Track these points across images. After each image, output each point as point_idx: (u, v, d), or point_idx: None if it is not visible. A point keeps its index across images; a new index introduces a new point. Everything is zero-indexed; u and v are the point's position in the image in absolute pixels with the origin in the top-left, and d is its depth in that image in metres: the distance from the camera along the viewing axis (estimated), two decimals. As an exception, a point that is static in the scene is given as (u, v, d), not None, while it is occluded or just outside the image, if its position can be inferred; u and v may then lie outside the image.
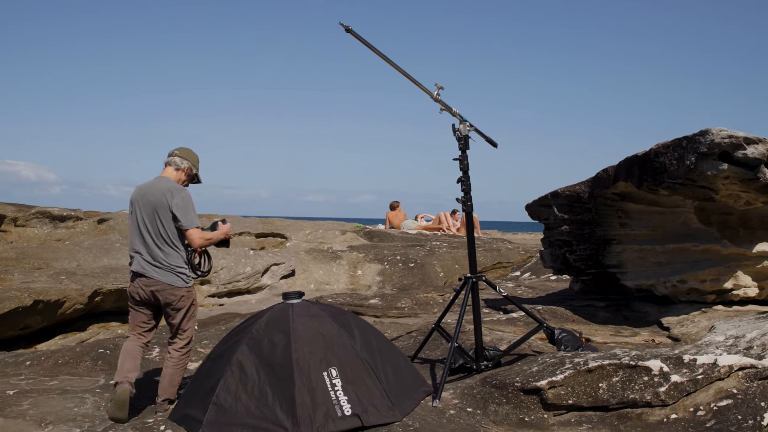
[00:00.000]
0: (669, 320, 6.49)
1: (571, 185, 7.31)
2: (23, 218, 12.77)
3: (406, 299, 9.01)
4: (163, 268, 4.70)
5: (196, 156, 5.03)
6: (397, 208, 19.05)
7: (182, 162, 4.93)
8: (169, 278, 4.70)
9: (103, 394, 5.25)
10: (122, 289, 9.19)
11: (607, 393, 4.12)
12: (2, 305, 7.62)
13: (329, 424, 3.79)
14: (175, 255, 4.74)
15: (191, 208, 4.74)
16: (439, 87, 4.89)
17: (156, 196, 4.72)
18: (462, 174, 4.92)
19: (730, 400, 3.92)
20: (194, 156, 5.01)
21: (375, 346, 4.39)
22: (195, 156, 5.02)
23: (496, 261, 13.60)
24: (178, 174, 4.92)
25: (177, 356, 4.83)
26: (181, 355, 4.84)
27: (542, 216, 7.91)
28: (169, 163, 4.95)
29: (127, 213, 14.45)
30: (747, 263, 6.49)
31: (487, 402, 4.34)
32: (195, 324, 4.97)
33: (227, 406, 3.91)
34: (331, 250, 13.31)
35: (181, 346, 4.85)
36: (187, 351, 4.89)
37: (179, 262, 4.75)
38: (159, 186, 4.78)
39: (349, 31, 4.72)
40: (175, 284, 4.71)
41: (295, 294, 4.52)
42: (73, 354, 6.44)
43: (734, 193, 5.80)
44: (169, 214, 4.69)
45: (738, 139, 5.23)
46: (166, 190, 4.72)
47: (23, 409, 4.80)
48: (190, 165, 4.96)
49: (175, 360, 4.82)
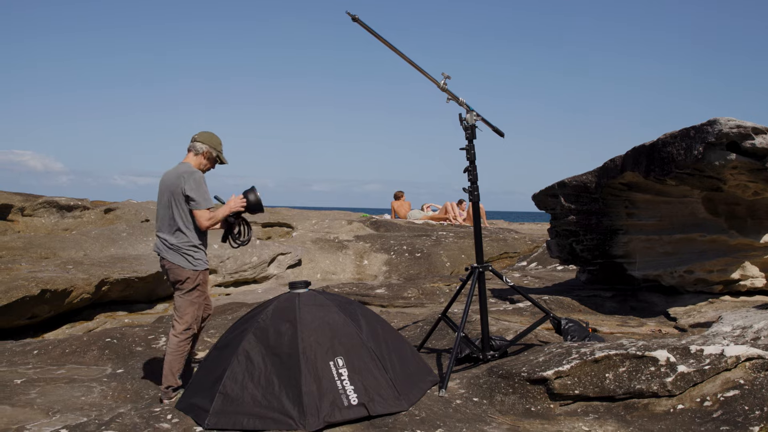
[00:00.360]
0: (676, 310, 6.48)
1: (578, 175, 7.29)
2: (30, 208, 12.81)
3: (413, 289, 9.01)
4: (173, 249, 4.86)
5: (217, 138, 5.11)
6: (401, 197, 19.04)
7: (201, 147, 5.04)
8: (176, 259, 4.86)
9: (110, 383, 5.28)
10: (129, 278, 9.22)
11: (614, 383, 4.12)
12: (10, 294, 7.65)
13: (336, 414, 3.80)
14: (183, 237, 4.86)
15: (204, 191, 4.86)
16: (446, 76, 4.87)
17: (171, 180, 4.89)
18: (469, 164, 4.90)
19: (737, 391, 3.91)
20: (214, 139, 5.09)
21: (381, 336, 4.39)
22: (215, 138, 5.10)
23: (503, 251, 13.59)
24: (197, 159, 5.05)
25: (174, 342, 4.86)
26: (178, 342, 4.87)
27: (549, 206, 7.89)
28: (190, 149, 5.08)
29: (133, 203, 14.51)
30: (754, 254, 6.48)
31: (494, 392, 4.34)
32: (198, 312, 4.96)
33: (234, 395, 3.92)
34: (338, 240, 13.32)
35: (179, 331, 4.88)
36: (186, 338, 4.90)
37: (187, 244, 4.87)
38: (176, 171, 4.95)
39: (356, 20, 4.69)
40: (180, 265, 4.85)
41: (301, 283, 4.52)
42: (81, 343, 6.46)
43: (742, 184, 5.77)
44: (182, 197, 4.83)
45: (746, 129, 5.20)
46: (181, 175, 4.86)
47: (31, 398, 4.82)
48: (208, 149, 5.05)
49: (173, 347, 4.86)
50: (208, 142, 5.05)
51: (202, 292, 4.97)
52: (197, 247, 4.92)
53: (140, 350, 6.27)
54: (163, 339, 6.54)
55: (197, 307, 4.96)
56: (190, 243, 4.88)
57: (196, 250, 4.91)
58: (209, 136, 5.07)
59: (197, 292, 4.93)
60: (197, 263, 4.90)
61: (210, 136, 5.08)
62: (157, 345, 6.38)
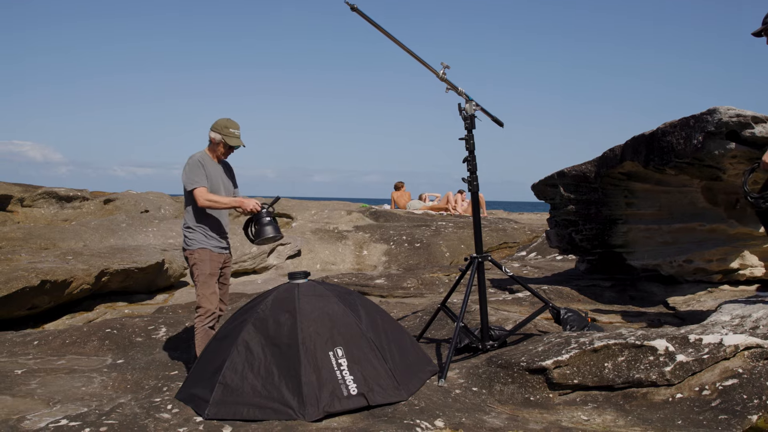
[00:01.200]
0: (675, 300, 6.49)
1: (578, 165, 7.28)
2: (30, 199, 12.80)
3: (412, 279, 9.02)
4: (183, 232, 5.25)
5: (223, 122, 5.21)
6: (401, 188, 19.04)
7: (209, 135, 5.24)
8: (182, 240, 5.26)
9: (110, 374, 5.29)
10: (129, 269, 9.22)
11: (613, 372, 4.13)
12: (10, 285, 7.65)
13: (335, 404, 3.81)
14: (186, 219, 5.19)
15: (192, 172, 5.08)
16: (445, 66, 4.85)
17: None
18: (468, 153, 4.89)
19: (735, 380, 3.91)
20: (219, 123, 5.20)
21: (381, 326, 4.40)
22: (221, 123, 5.20)
23: (502, 241, 13.59)
24: (212, 147, 5.26)
25: (196, 323, 5.09)
26: (198, 323, 5.08)
27: (548, 196, 7.88)
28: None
29: (133, 193, 14.50)
30: (753, 243, 6.48)
31: (493, 381, 4.35)
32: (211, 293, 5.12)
33: (234, 386, 3.93)
34: (337, 231, 13.32)
35: (197, 314, 5.11)
36: (200, 317, 5.08)
37: (184, 225, 5.20)
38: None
39: (355, 10, 4.67)
40: (183, 245, 5.25)
41: (301, 274, 4.53)
42: (81, 334, 6.47)
43: (741, 173, 5.77)
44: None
45: (746, 118, 5.19)
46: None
47: (31, 388, 4.83)
48: (213, 135, 5.21)
49: (196, 328, 5.09)
50: (214, 129, 5.21)
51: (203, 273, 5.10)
52: (191, 228, 5.16)
53: (140, 341, 6.28)
54: (163, 329, 6.54)
55: (208, 288, 5.10)
56: (186, 224, 5.19)
57: (191, 230, 5.16)
58: (216, 124, 5.21)
59: (197, 272, 5.11)
60: (190, 243, 5.15)
61: (217, 122, 5.22)
62: (157, 335, 6.39)
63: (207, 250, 5.12)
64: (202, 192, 5.02)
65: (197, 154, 5.21)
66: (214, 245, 5.17)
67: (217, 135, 5.18)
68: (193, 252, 5.12)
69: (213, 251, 5.15)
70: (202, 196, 5.02)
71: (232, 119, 5.21)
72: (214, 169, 5.23)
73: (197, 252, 5.11)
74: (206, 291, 5.09)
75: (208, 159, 5.22)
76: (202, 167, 5.10)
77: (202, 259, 5.11)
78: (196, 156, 5.17)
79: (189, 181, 5.07)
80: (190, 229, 5.15)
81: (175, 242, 11.19)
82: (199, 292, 5.10)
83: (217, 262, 5.19)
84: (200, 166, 5.09)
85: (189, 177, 5.07)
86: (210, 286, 5.11)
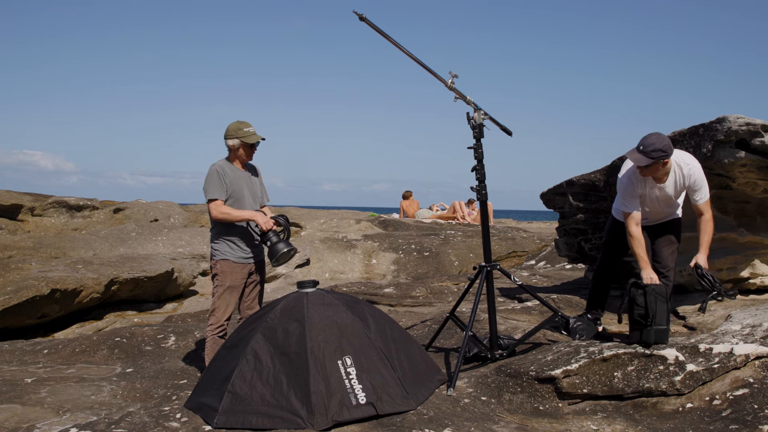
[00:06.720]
0: (685, 309, 6.45)
1: (587, 173, 7.26)
2: (40, 208, 12.88)
3: (421, 288, 9.01)
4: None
5: (234, 126, 5.13)
6: (410, 197, 19.05)
7: (228, 142, 5.15)
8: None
9: (119, 383, 5.30)
10: (138, 278, 9.25)
11: (622, 382, 4.11)
12: (20, 294, 7.70)
13: (344, 413, 3.80)
14: (211, 228, 5.21)
15: (209, 182, 5.03)
16: (453, 75, 4.86)
17: None
18: (476, 162, 4.89)
19: (746, 390, 3.89)
20: (231, 128, 5.13)
21: (389, 335, 4.39)
22: (232, 127, 5.13)
23: (511, 250, 13.57)
24: (233, 155, 5.19)
25: (207, 332, 5.12)
26: (208, 332, 5.11)
27: (557, 205, 7.86)
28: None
29: (142, 202, 14.57)
30: (764, 252, 6.44)
31: (502, 391, 4.34)
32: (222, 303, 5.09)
33: (242, 395, 3.93)
34: (346, 239, 13.32)
35: (208, 324, 5.14)
36: (210, 327, 5.10)
37: (211, 234, 5.20)
38: None
39: (363, 20, 4.68)
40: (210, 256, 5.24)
41: (309, 283, 4.52)
42: (90, 342, 6.49)
43: (751, 181, 5.74)
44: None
45: (755, 127, 5.18)
46: None
47: (41, 397, 4.85)
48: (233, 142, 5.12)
49: (207, 338, 5.11)
50: (227, 136, 5.14)
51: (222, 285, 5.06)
52: (215, 238, 5.15)
53: (149, 349, 6.29)
54: (172, 338, 6.56)
55: (223, 300, 5.08)
56: (211, 234, 5.20)
57: (215, 241, 5.15)
58: (228, 129, 5.14)
59: (218, 283, 5.09)
60: (214, 253, 5.15)
61: (228, 128, 5.14)
62: (166, 344, 6.40)
63: (229, 262, 5.07)
64: (216, 205, 4.99)
65: (218, 162, 5.11)
66: (238, 256, 5.09)
67: (233, 140, 5.09)
68: (216, 263, 5.10)
69: (236, 262, 5.08)
70: (215, 208, 4.99)
71: (241, 119, 5.16)
72: (238, 175, 5.12)
73: (219, 263, 5.08)
74: (221, 303, 5.08)
75: (230, 167, 5.11)
76: (221, 177, 5.01)
77: (223, 270, 5.07)
78: (215, 165, 5.08)
79: (205, 192, 5.03)
80: (215, 239, 5.14)
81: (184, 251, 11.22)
82: (214, 303, 5.11)
83: (241, 273, 5.11)
84: (218, 176, 5.01)
85: (206, 188, 5.03)
86: (225, 298, 5.08)
